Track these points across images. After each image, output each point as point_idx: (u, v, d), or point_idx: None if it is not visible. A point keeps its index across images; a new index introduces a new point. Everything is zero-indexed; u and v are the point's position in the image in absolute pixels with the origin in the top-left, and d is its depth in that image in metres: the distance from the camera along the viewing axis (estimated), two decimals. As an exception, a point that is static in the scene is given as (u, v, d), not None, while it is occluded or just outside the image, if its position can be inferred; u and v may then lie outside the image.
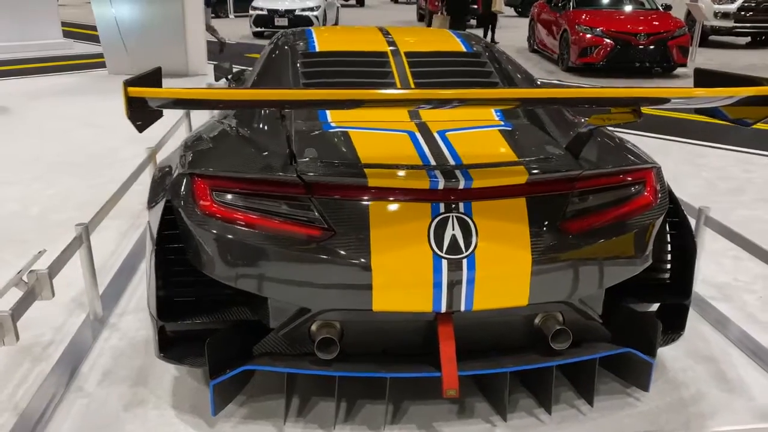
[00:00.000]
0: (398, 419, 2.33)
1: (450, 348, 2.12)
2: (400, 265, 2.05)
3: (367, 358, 2.23)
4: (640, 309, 2.57)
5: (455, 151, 2.30)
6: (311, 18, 15.52)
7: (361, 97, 2.00)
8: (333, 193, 2.11)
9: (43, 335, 2.84)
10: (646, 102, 2.09)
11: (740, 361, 2.73)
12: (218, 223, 2.14)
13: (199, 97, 1.74)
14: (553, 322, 2.26)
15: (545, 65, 11.87)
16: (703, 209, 3.12)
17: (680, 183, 5.14)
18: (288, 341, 2.24)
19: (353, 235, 2.06)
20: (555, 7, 12.05)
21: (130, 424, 2.29)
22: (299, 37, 3.46)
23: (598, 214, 2.24)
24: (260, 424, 2.29)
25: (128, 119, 1.71)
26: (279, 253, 2.08)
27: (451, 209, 2.08)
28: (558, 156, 2.32)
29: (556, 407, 2.40)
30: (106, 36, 9.91)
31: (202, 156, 2.36)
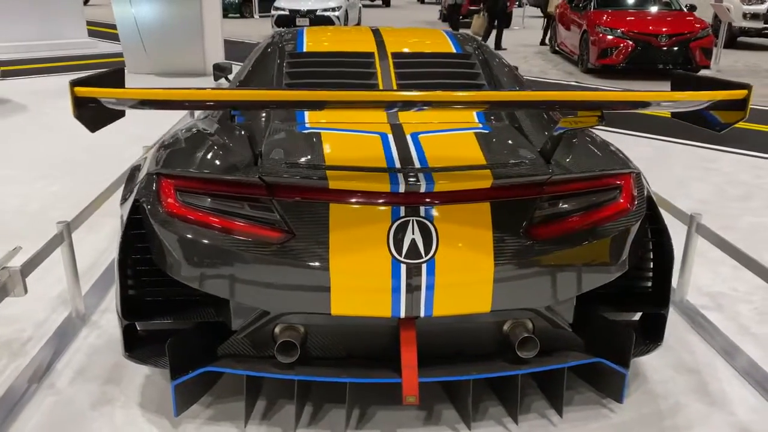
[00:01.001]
0: (363, 424, 2.30)
1: (411, 354, 2.09)
2: (359, 269, 2.02)
3: (329, 363, 2.21)
4: (617, 318, 2.51)
5: (424, 153, 2.26)
6: (332, 18, 15.56)
7: (322, 98, 1.99)
8: (294, 195, 2.09)
9: (24, 331, 2.87)
10: (612, 106, 2.03)
11: (725, 373, 2.64)
12: (181, 223, 2.14)
13: (148, 97, 1.73)
14: (521, 330, 2.22)
15: (565, 66, 11.72)
16: (695, 216, 3.03)
17: (688, 188, 5.03)
18: (251, 344, 2.23)
19: (313, 237, 2.04)
20: (576, 8, 11.89)
21: (95, 422, 2.29)
22: (290, 38, 3.45)
23: (568, 220, 2.18)
24: (224, 426, 2.28)
25: (76, 119, 1.70)
26: (239, 255, 2.07)
27: (411, 213, 2.04)
28: (530, 160, 2.27)
29: (526, 416, 2.35)
30: (125, 35, 10.06)
31: (171, 156, 2.36)
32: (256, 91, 1.81)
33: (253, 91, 1.83)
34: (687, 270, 3.11)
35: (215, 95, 1.84)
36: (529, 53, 13.67)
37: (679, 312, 3.11)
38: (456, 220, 2.07)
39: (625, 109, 2.07)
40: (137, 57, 10.05)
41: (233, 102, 1.85)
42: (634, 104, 2.03)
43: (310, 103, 2.12)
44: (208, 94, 1.83)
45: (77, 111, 1.69)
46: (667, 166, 5.61)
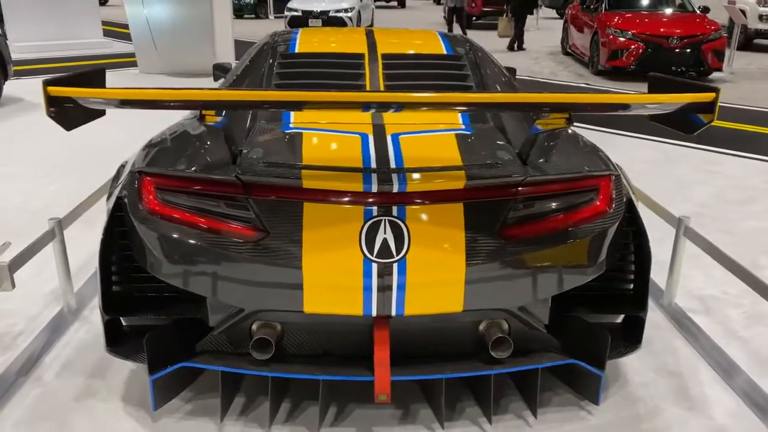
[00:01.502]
0: (339, 422, 2.33)
1: (383, 352, 2.11)
2: (331, 267, 2.04)
3: (304, 360, 2.23)
4: (601, 321, 2.50)
5: (401, 154, 2.28)
6: (345, 19, 15.62)
7: (299, 99, 2.03)
8: (269, 193, 2.12)
9: (16, 325, 2.93)
10: (579, 108, 2.04)
11: (707, 377, 2.63)
12: (160, 221, 2.18)
13: (119, 97, 1.77)
14: (496, 330, 2.23)
15: (576, 68, 11.67)
16: (683, 219, 3.02)
17: (688, 191, 5.00)
18: (228, 340, 2.26)
19: (286, 236, 2.07)
20: (587, 9, 11.83)
21: (76, 415, 2.34)
22: (284, 38, 3.49)
23: (543, 221, 2.19)
24: (202, 421, 2.31)
25: (49, 117, 1.75)
26: (216, 252, 2.10)
27: (383, 213, 2.06)
28: (507, 161, 2.28)
29: (502, 417, 2.36)
30: (137, 35, 10.19)
31: (154, 155, 2.39)
32: (228, 92, 1.84)
33: (225, 91, 1.86)
34: (675, 273, 3.10)
35: (187, 95, 1.87)
36: (540, 55, 13.62)
37: (666, 315, 3.10)
38: (428, 220, 2.08)
39: (592, 111, 2.07)
40: (149, 57, 10.17)
41: (206, 102, 1.88)
42: (602, 107, 2.04)
43: (287, 104, 2.16)
44: (180, 94, 1.86)
45: (50, 110, 1.73)
46: (671, 169, 5.58)
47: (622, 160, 5.63)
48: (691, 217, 4.35)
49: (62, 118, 1.79)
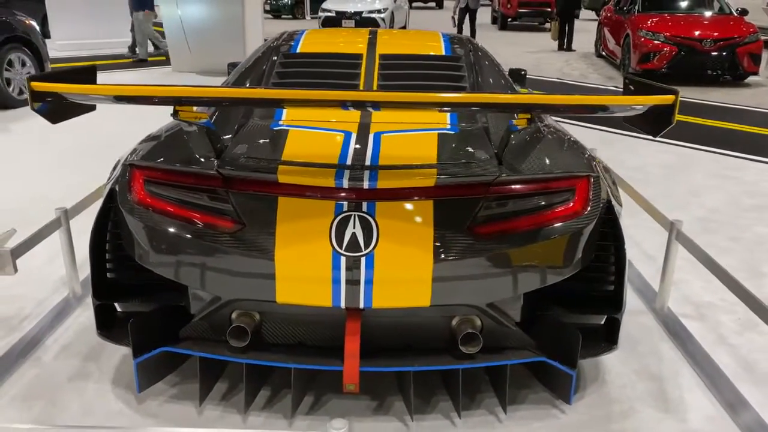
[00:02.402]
0: (315, 410, 2.40)
1: (353, 344, 2.17)
2: (302, 259, 2.12)
3: (279, 349, 2.31)
4: (577, 321, 2.52)
5: (379, 152, 2.34)
6: (377, 20, 15.72)
7: (279, 97, 2.12)
8: (246, 187, 2.21)
9: (24, 309, 3.09)
10: (541, 109, 2.08)
11: (689, 381, 2.62)
12: (146, 211, 2.28)
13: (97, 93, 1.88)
14: (467, 326, 2.27)
15: (607, 71, 11.52)
16: (675, 223, 3.00)
17: (702, 197, 4.93)
18: (209, 327, 2.35)
19: (261, 228, 2.15)
20: (620, 11, 11.67)
21: (68, 395, 2.47)
22: (288, 38, 3.59)
23: (513, 221, 2.22)
24: (184, 404, 2.41)
25: (33, 111, 1.86)
26: (196, 243, 2.19)
27: (353, 208, 2.13)
28: (482, 161, 2.31)
29: (474, 412, 2.40)
30: (171, 35, 10.47)
31: (147, 148, 2.51)
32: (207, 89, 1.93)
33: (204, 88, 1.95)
34: (668, 277, 3.08)
35: (165, 92, 1.97)
36: (573, 57, 13.49)
37: (657, 319, 3.09)
38: (397, 216, 2.14)
39: (554, 113, 2.10)
40: (182, 56, 10.44)
41: (184, 98, 1.97)
42: (563, 108, 2.06)
43: (267, 101, 2.25)
44: (157, 91, 1.96)
45: (34, 104, 1.85)
46: (687, 174, 5.50)
47: (638, 164, 5.64)
48: (700, 223, 4.35)
49: (47, 112, 1.90)
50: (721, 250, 3.92)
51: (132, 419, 2.34)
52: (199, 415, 2.37)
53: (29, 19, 7.87)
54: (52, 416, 2.35)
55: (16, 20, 7.64)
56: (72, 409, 2.38)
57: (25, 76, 7.67)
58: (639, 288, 3.40)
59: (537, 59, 13.09)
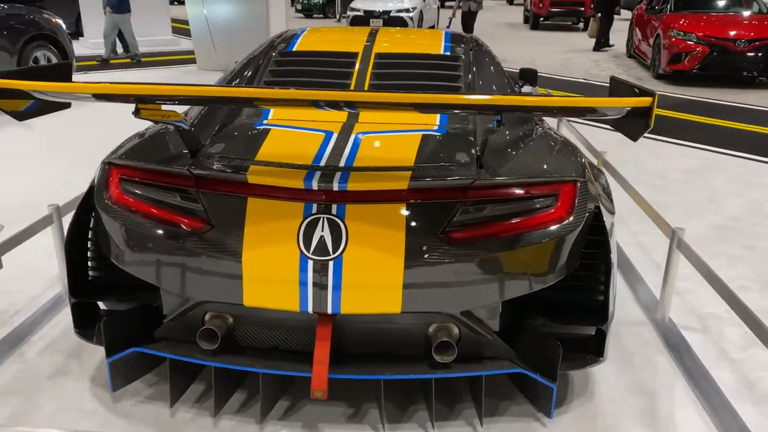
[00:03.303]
0: (288, 415, 2.35)
1: (323, 350, 2.12)
2: (269, 262, 2.07)
3: (250, 353, 2.27)
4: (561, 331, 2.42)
5: (356, 153, 2.28)
6: (406, 19, 15.64)
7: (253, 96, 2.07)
8: (216, 187, 2.17)
9: (16, 305, 3.12)
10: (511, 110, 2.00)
11: (683, 397, 2.50)
12: (120, 210, 2.27)
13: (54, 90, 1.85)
14: (443, 334, 2.19)
15: (637, 72, 11.23)
16: (676, 231, 2.87)
17: (720, 203, 4.74)
18: (182, 329, 2.32)
19: (229, 229, 2.11)
20: (651, 11, 11.36)
21: (45, 391, 2.47)
22: (287, 37, 3.55)
23: (491, 226, 2.13)
24: (158, 406, 2.39)
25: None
26: (166, 243, 2.17)
27: (322, 210, 2.07)
28: (461, 164, 2.23)
29: (453, 422, 2.32)
30: (197, 34, 10.57)
31: (128, 146, 2.50)
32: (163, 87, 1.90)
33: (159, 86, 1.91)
34: (669, 287, 2.95)
35: (131, 90, 1.94)
36: (604, 57, 13.20)
37: (656, 330, 2.96)
38: (368, 220, 2.07)
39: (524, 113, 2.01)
40: (207, 54, 10.53)
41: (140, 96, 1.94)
42: (534, 109, 1.98)
43: (241, 100, 2.21)
44: (123, 89, 1.93)
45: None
46: (708, 179, 5.30)
47: (658, 168, 5.46)
48: (716, 230, 4.18)
49: (10, 109, 1.89)
50: (734, 259, 3.75)
51: (104, 419, 2.33)
52: (171, 417, 2.34)
53: (55, 18, 8.02)
54: (25, 413, 2.34)
55: (42, 18, 7.79)
56: (46, 408, 2.38)
57: (50, 74, 7.81)
58: (641, 297, 3.26)
59: (566, 59, 12.86)
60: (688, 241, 2.85)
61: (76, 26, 14.34)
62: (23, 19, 7.53)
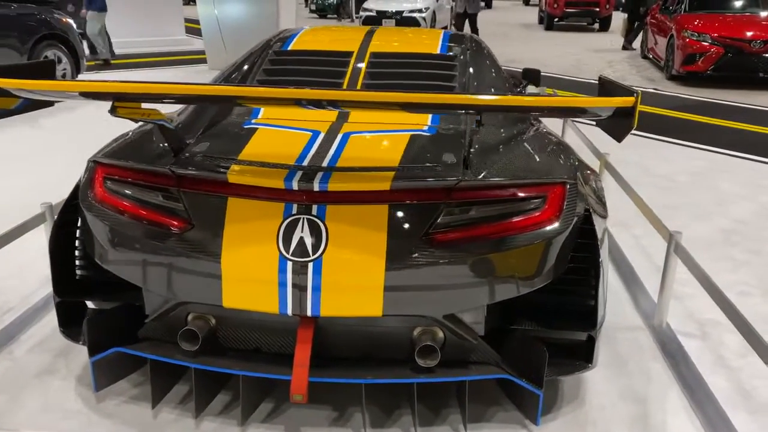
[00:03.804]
0: (271, 418, 2.32)
1: (303, 353, 2.09)
2: (248, 263, 2.04)
3: (231, 355, 2.24)
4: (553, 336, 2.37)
5: (340, 153, 2.25)
6: (418, 19, 15.60)
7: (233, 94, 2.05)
8: (197, 187, 2.15)
9: (9, 302, 3.12)
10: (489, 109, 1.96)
11: (676, 405, 2.43)
12: (103, 209, 2.26)
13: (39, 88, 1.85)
14: (427, 338, 2.16)
15: (650, 73, 11.10)
16: (674, 235, 2.80)
17: (728, 206, 4.65)
18: (165, 329, 2.31)
19: (209, 229, 2.09)
20: (666, 11, 11.22)
21: (31, 391, 2.46)
22: (284, 36, 3.53)
23: (475, 228, 2.09)
24: (142, 407, 2.37)
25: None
26: (147, 242, 2.15)
27: (303, 211, 2.04)
28: (447, 165, 2.19)
29: (437, 428, 2.28)
30: (208, 33, 10.61)
31: (114, 145, 2.48)
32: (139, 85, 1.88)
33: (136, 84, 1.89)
34: (666, 292, 2.88)
35: (107, 87, 1.93)
36: (617, 58, 13.06)
37: (653, 336, 2.89)
38: (349, 221, 2.04)
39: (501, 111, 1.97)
40: (218, 54, 10.55)
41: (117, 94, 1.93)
42: (513, 109, 1.95)
43: (223, 98, 2.19)
44: (98, 86, 1.92)
45: None
46: (716, 182, 5.20)
47: (666, 171, 5.37)
48: (722, 234, 4.09)
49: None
50: (738, 264, 3.67)
51: (88, 419, 2.32)
52: (153, 418, 2.32)
53: (66, 17, 8.08)
54: (9, 412, 2.34)
55: (54, 18, 7.85)
56: (30, 407, 2.37)
57: (60, 73, 7.88)
58: (640, 303, 3.20)
59: (578, 60, 12.74)
60: (691, 245, 2.79)
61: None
62: (34, 18, 7.59)
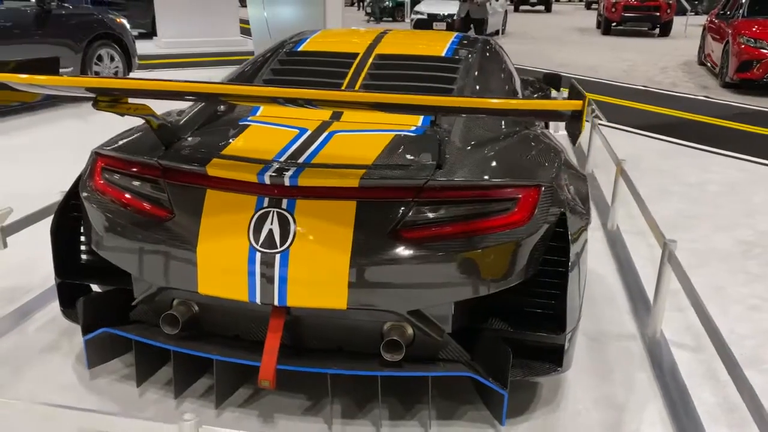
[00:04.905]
0: (248, 403, 2.41)
1: (273, 340, 2.17)
2: (220, 252, 2.14)
3: (210, 340, 2.35)
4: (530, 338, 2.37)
5: (319, 150, 2.32)
6: (470, 23, 15.50)
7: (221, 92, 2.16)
8: (180, 178, 2.26)
9: (30, 283, 3.33)
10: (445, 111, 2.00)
11: (653, 416, 2.40)
12: (98, 197, 2.40)
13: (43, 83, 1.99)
14: (394, 333, 2.20)
15: (704, 80, 10.74)
16: (668, 243, 2.75)
17: (756, 219, 4.50)
18: (151, 313, 2.43)
19: (188, 219, 2.20)
20: (723, 16, 10.84)
21: (31, 365, 2.63)
22: (296, 37, 3.64)
23: (442, 227, 2.12)
24: (131, 386, 2.50)
25: (-28, 97, 2.01)
26: (134, 230, 2.28)
27: (273, 204, 2.12)
28: (421, 164, 2.23)
29: (407, 422, 2.33)
30: (257, 35, 10.89)
31: (118, 138, 2.63)
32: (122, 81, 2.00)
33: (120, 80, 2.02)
34: (660, 301, 2.83)
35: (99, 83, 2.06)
36: (672, 64, 12.68)
37: (644, 346, 2.85)
38: (317, 215, 2.11)
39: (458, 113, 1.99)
40: (266, 55, 10.82)
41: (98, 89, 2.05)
42: (466, 110, 1.98)
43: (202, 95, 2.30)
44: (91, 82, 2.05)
45: None
46: (747, 194, 5.02)
47: (697, 180, 5.24)
48: (742, 246, 3.96)
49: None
50: (753, 277, 3.55)
51: (78, 394, 2.47)
52: (138, 397, 2.45)
53: (120, 18, 8.46)
54: (9, 383, 2.51)
55: (108, 18, 8.24)
56: (29, 379, 2.54)
57: (113, 70, 8.27)
58: (639, 311, 3.15)
59: (630, 66, 12.44)
60: (707, 256, 2.75)
61: (152, 27, 15.07)
62: (90, 18, 7.99)
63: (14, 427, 2.19)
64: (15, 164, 5.39)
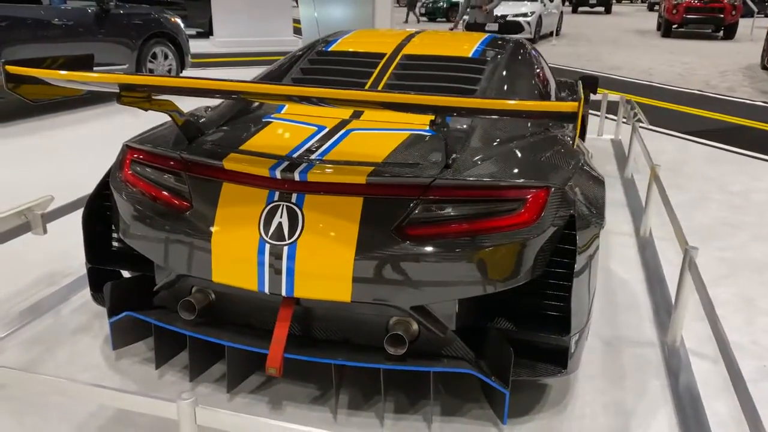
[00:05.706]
0: (259, 390, 2.50)
1: (282, 329, 2.25)
2: (233, 243, 2.23)
3: (225, 327, 2.44)
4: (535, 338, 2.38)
5: (333, 147, 2.39)
6: (523, 24, 15.38)
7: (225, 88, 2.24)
8: (199, 171, 2.36)
9: (71, 267, 3.52)
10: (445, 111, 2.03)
11: (661, 425, 2.36)
12: (127, 187, 2.53)
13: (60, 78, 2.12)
14: (399, 327, 2.25)
15: (764, 85, 10.35)
16: (690, 250, 2.70)
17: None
18: (174, 300, 2.55)
19: (205, 210, 2.30)
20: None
21: (63, 345, 2.79)
22: (328, 37, 3.72)
23: (447, 225, 2.16)
24: (150, 367, 2.63)
25: (8, 90, 2.16)
26: (157, 219, 2.39)
27: (283, 198, 2.20)
28: (430, 163, 2.27)
29: (410, 416, 2.37)
30: (307, 34, 11.11)
31: (149, 132, 2.76)
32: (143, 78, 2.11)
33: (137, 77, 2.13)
34: (680, 309, 2.78)
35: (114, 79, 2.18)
36: (733, 68, 12.24)
37: (662, 353, 2.80)
38: (325, 210, 2.17)
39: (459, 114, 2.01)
40: (316, 54, 11.01)
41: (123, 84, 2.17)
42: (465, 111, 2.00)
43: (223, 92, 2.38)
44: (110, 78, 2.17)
45: (8, 85, 2.14)
46: None
47: (742, 188, 5.08)
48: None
49: (24, 92, 2.20)
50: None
51: (102, 373, 2.60)
52: (158, 379, 2.57)
53: (175, 17, 8.76)
54: (41, 360, 2.68)
55: (163, 17, 8.54)
56: (59, 357, 2.70)
57: (166, 68, 8.57)
58: (660, 318, 3.09)
59: (688, 69, 12.07)
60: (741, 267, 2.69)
61: (210, 26, 15.52)
62: (147, 17, 8.30)
63: (37, 401, 2.34)
64: (60, 159, 5.68)
